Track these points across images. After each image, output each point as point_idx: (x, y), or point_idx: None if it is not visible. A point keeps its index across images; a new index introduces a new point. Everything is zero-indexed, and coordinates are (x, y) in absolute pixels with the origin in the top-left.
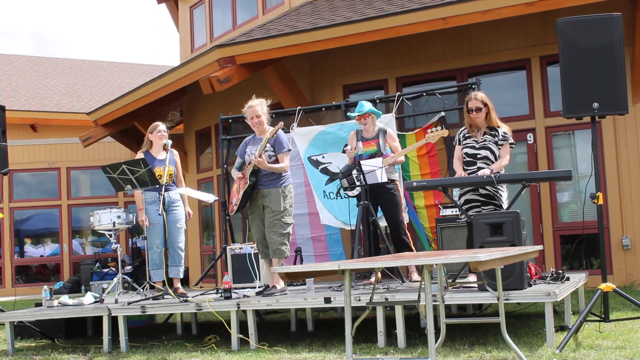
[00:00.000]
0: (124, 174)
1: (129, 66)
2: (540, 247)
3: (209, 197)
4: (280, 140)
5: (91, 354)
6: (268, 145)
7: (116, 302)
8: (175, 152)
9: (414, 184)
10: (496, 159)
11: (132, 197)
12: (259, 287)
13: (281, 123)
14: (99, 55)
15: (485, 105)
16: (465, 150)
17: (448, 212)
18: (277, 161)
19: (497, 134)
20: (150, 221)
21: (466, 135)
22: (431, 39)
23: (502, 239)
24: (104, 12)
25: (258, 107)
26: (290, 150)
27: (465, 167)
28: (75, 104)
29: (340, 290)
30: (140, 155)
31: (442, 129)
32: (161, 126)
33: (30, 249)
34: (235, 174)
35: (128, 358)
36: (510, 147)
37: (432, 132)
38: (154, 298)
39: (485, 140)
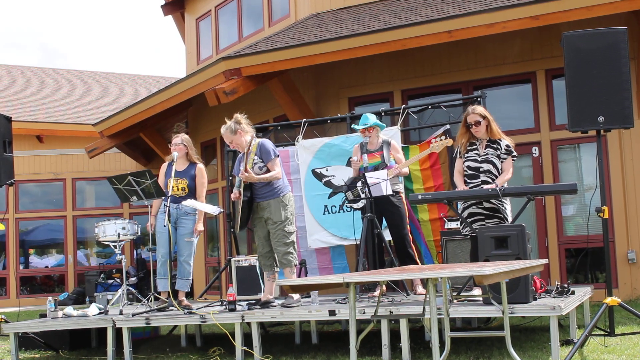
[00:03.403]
0: (130, 185)
1: (135, 77)
2: (545, 261)
3: (214, 209)
4: (266, 149)
5: None
6: (256, 157)
7: (121, 313)
8: (200, 166)
9: (419, 197)
10: (499, 173)
11: (137, 208)
12: (254, 300)
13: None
14: (105, 67)
15: (484, 117)
16: (467, 163)
17: (453, 225)
18: (268, 171)
19: (499, 147)
20: (157, 229)
21: (468, 148)
22: (437, 51)
23: (507, 252)
24: (111, 24)
25: (225, 136)
26: (278, 156)
27: (468, 181)
28: (81, 115)
29: (345, 303)
30: (164, 164)
31: (446, 138)
32: (176, 139)
33: (35, 260)
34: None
35: None
36: (513, 160)
37: (436, 141)
38: (159, 310)
39: (487, 154)
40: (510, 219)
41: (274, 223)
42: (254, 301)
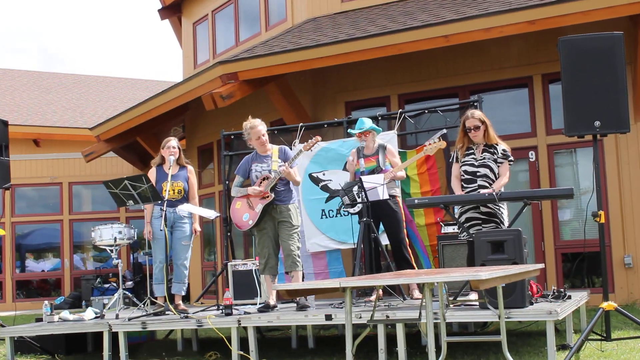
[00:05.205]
0: (126, 189)
1: (132, 82)
2: (541, 266)
3: (211, 214)
4: (289, 156)
5: None
6: (280, 160)
7: (117, 317)
8: (191, 168)
9: (416, 201)
10: (496, 177)
11: (133, 212)
12: (259, 304)
13: (318, 137)
14: (102, 71)
15: (483, 122)
16: (464, 168)
17: (449, 229)
18: None
19: (496, 151)
20: (155, 235)
21: (465, 153)
22: (433, 56)
23: (503, 257)
24: (109, 28)
25: (260, 127)
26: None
27: (465, 185)
28: (78, 119)
29: (341, 308)
30: (152, 169)
31: (439, 140)
32: (171, 142)
33: (31, 264)
34: (252, 190)
35: None
36: (509, 164)
37: (429, 144)
38: (155, 314)
39: (484, 158)
40: (507, 224)
41: (292, 226)
42: (262, 304)
